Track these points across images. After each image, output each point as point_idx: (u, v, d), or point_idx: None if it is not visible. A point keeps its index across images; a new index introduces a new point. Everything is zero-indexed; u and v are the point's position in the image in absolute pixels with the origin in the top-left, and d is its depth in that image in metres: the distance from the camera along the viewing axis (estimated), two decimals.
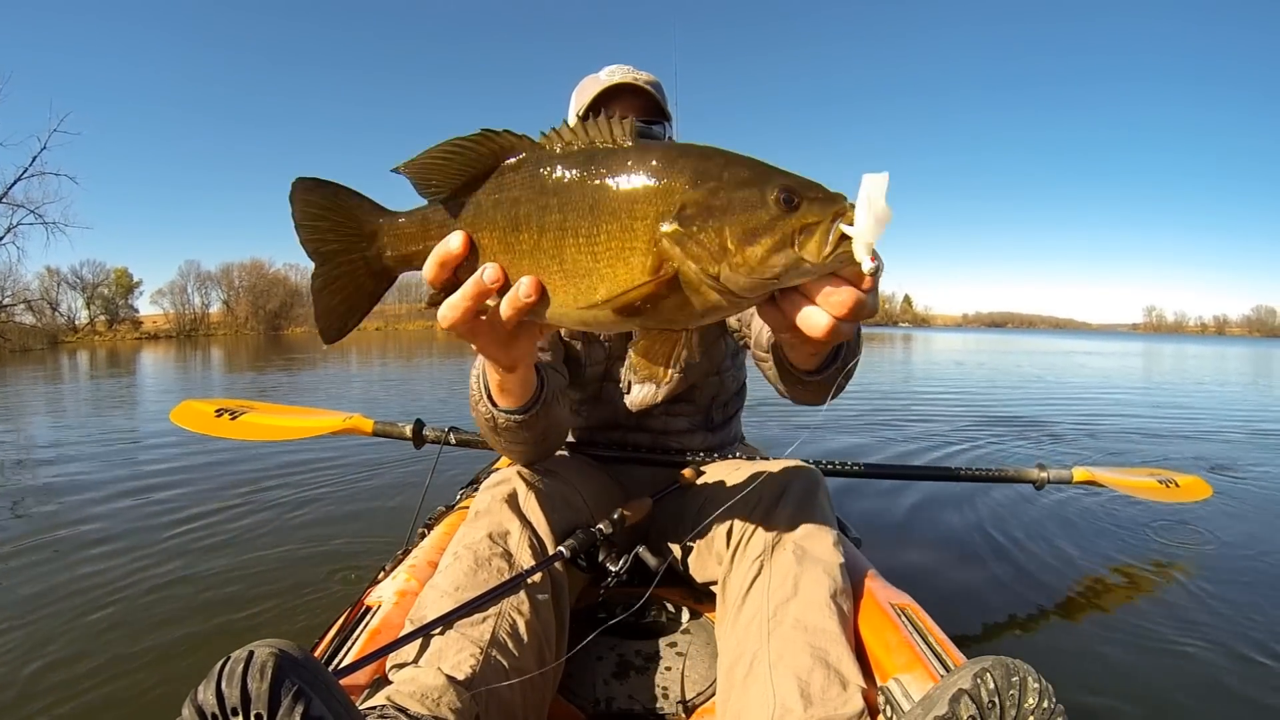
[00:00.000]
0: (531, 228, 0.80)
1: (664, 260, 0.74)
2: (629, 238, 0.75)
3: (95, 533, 3.58)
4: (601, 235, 0.76)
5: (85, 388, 12.85)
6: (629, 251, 0.75)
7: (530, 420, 1.23)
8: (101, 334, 50.67)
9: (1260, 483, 4.59)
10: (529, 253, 0.81)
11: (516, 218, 0.81)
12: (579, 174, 0.79)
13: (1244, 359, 27.78)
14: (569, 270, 0.79)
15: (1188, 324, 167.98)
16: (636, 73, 1.52)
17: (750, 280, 0.71)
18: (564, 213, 0.78)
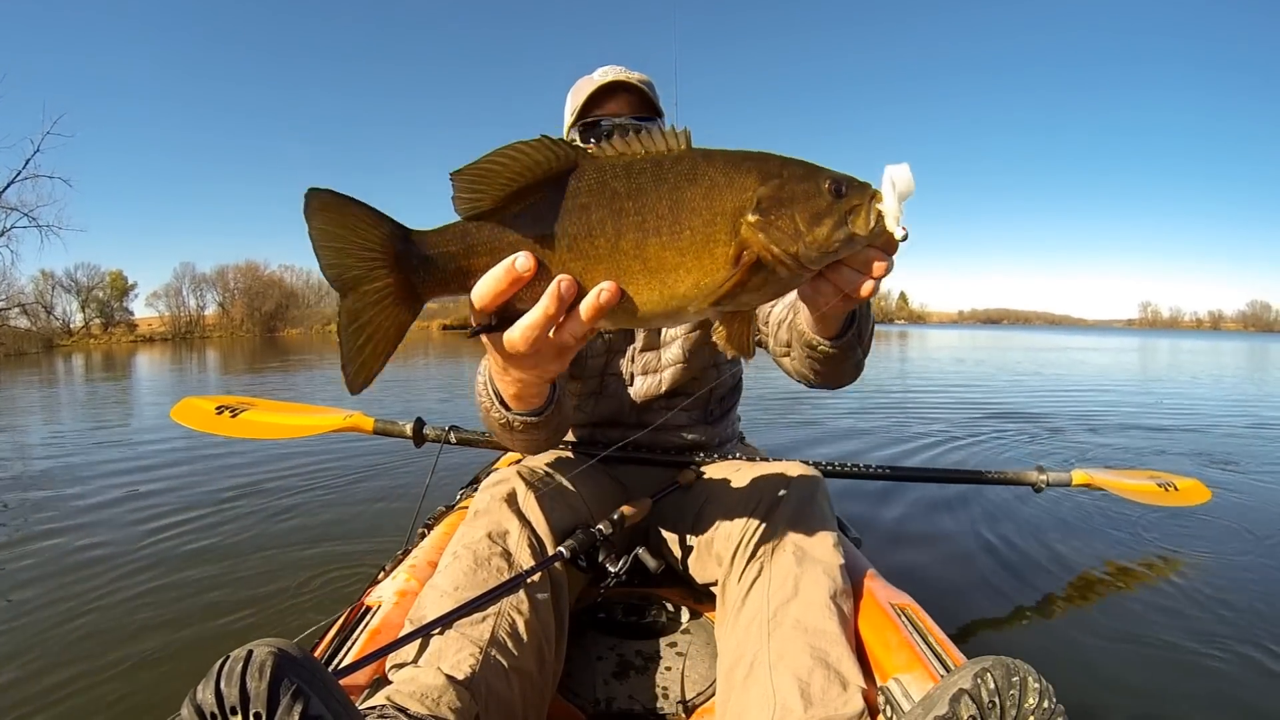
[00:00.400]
0: (608, 232, 0.81)
1: (744, 248, 0.81)
2: (713, 230, 0.81)
3: (93, 533, 3.58)
4: (685, 231, 0.81)
5: (81, 391, 12.85)
6: (713, 243, 0.81)
7: (547, 419, 1.23)
8: (97, 337, 50.54)
9: (1259, 484, 4.59)
10: (606, 257, 0.82)
11: (590, 223, 0.81)
12: (651, 178, 0.82)
13: (1239, 354, 27.83)
14: (653, 268, 0.82)
15: (1183, 319, 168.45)
16: (629, 72, 1.54)
17: (819, 254, 0.81)
18: (643, 215, 0.81)
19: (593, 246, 0.81)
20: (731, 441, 1.92)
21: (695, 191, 0.81)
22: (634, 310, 0.83)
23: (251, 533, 3.55)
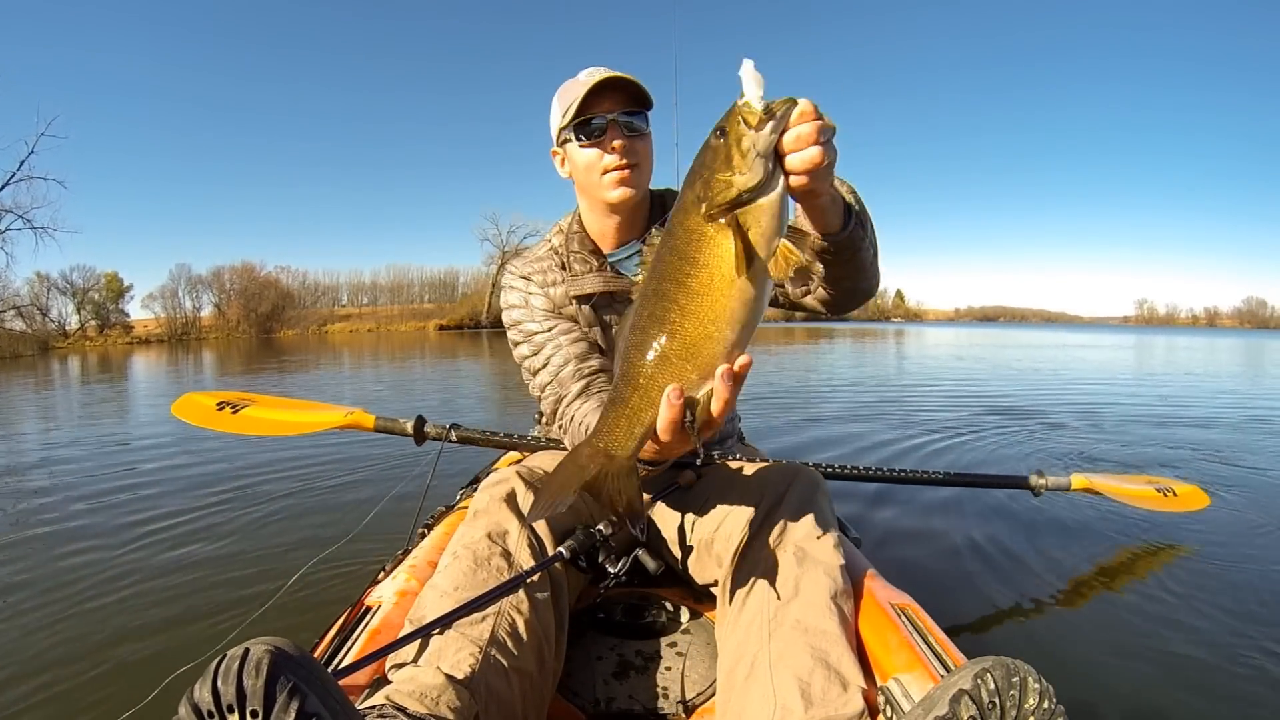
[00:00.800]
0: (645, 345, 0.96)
1: (731, 233, 0.90)
2: (704, 253, 0.92)
3: (92, 532, 3.59)
4: (695, 284, 0.93)
5: (77, 393, 12.82)
6: (720, 260, 0.91)
7: None
8: (92, 339, 50.39)
9: (1259, 487, 4.58)
10: (665, 359, 0.95)
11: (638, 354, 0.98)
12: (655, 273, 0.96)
13: (1236, 350, 27.88)
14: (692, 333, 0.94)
15: (1179, 316, 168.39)
16: (614, 73, 1.54)
17: (754, 172, 0.89)
18: (665, 300, 0.94)
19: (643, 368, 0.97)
20: (731, 440, 1.92)
21: (674, 251, 0.94)
22: (728, 343, 0.94)
23: (251, 531, 3.56)
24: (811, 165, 0.91)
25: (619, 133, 1.50)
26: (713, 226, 0.91)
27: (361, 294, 75.67)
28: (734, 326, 0.93)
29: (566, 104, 1.52)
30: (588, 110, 1.49)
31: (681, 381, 0.94)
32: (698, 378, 0.95)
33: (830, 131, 0.93)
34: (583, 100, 1.48)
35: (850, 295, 1.41)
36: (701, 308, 0.92)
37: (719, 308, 0.92)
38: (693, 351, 0.94)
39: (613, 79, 1.49)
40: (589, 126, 1.50)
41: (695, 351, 0.93)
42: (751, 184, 0.89)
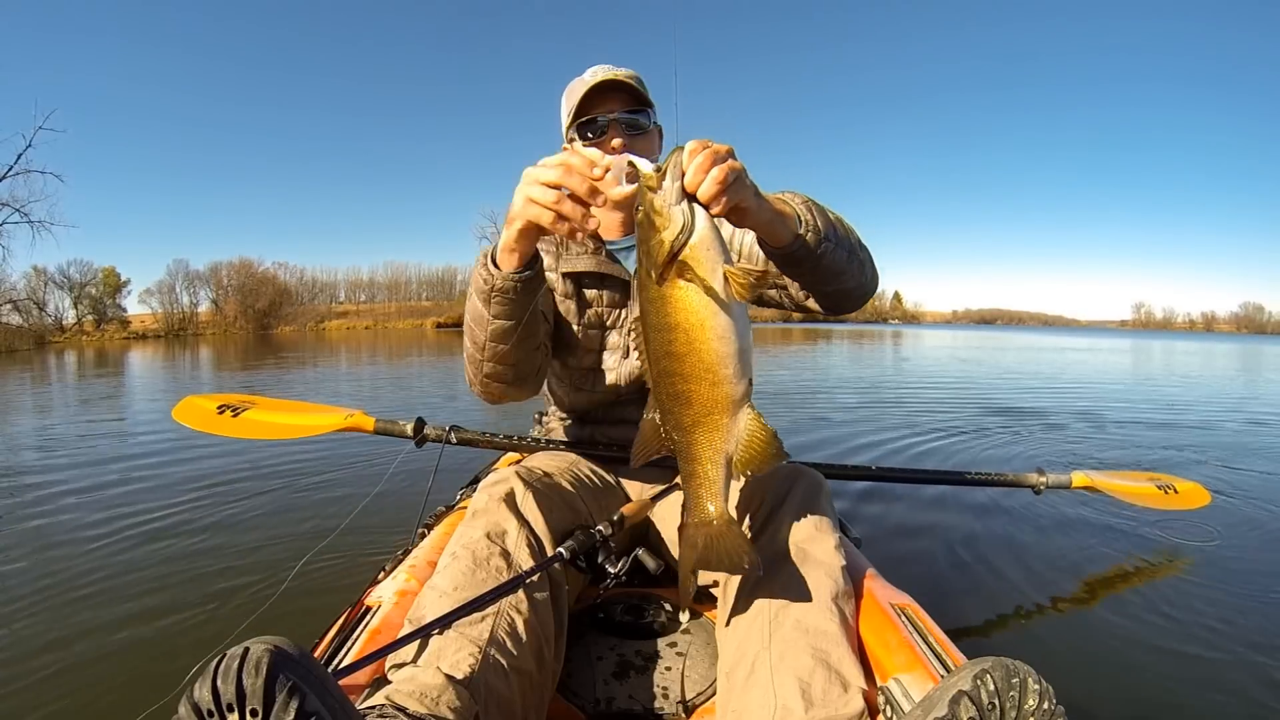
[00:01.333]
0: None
1: (681, 286, 1.00)
2: (671, 314, 1.01)
3: (90, 533, 3.57)
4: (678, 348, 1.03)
5: (73, 389, 12.78)
6: (685, 312, 1.00)
7: (528, 284, 1.27)
8: (89, 334, 50.35)
9: (1259, 486, 4.59)
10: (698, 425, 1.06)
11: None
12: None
13: (1233, 355, 27.94)
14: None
15: (1176, 320, 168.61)
16: (617, 70, 1.57)
17: (677, 223, 0.98)
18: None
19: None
20: None
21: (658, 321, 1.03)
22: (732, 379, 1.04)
23: (251, 531, 3.56)
24: (717, 187, 0.99)
25: (620, 132, 1.53)
26: (666, 286, 0.99)
27: (359, 291, 75.78)
28: (728, 362, 1.02)
29: (571, 103, 1.55)
30: (590, 110, 1.52)
31: (718, 432, 1.05)
32: (727, 420, 1.05)
33: (722, 154, 1.01)
34: (584, 100, 1.50)
35: (837, 298, 1.47)
36: (695, 366, 1.01)
37: (708, 355, 1.01)
38: (711, 405, 1.03)
39: (609, 81, 1.50)
40: (591, 126, 1.53)
41: (713, 404, 1.03)
42: (676, 233, 0.97)
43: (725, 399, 1.03)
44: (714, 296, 0.99)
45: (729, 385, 1.02)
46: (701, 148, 1.01)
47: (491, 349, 1.37)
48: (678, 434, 1.07)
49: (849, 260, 1.37)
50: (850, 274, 1.40)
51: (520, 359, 1.42)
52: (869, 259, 1.46)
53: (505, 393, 1.49)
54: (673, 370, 1.03)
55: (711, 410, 1.03)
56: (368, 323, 66.70)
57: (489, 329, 1.33)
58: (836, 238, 1.33)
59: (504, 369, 1.42)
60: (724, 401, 1.03)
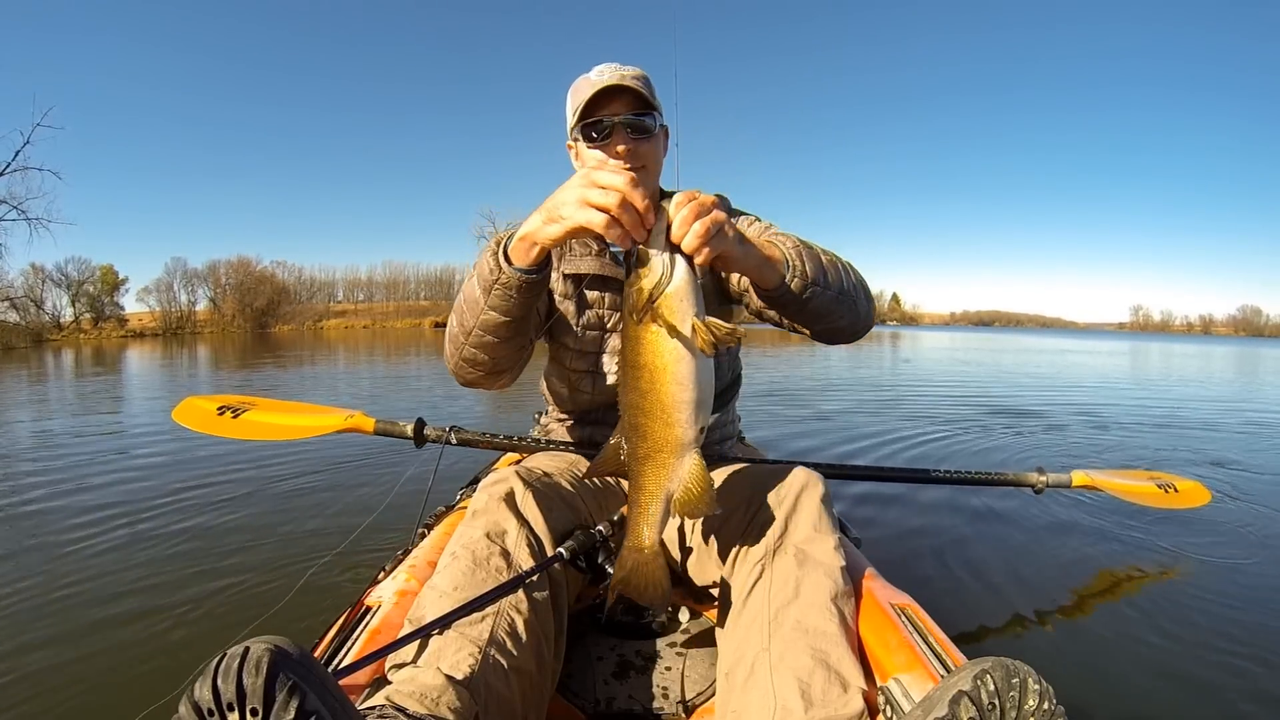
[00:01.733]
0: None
1: (652, 330, 1.07)
2: (641, 354, 1.09)
3: (90, 532, 3.57)
4: (642, 384, 1.10)
5: (70, 387, 12.75)
6: (652, 354, 1.08)
7: (535, 285, 1.29)
8: (87, 332, 50.14)
9: (1259, 486, 4.60)
10: (648, 458, 1.14)
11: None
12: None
13: (1232, 358, 27.99)
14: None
15: (1174, 323, 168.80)
16: (624, 70, 1.55)
17: (656, 272, 1.06)
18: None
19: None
20: (731, 440, 1.92)
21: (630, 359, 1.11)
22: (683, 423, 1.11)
23: (250, 532, 3.55)
24: (699, 240, 1.05)
25: (624, 136, 1.51)
26: (640, 328, 1.07)
27: (357, 290, 75.72)
28: (683, 407, 1.09)
29: (576, 103, 1.53)
30: (595, 111, 1.50)
31: (663, 470, 1.13)
32: (673, 460, 1.12)
33: (707, 206, 1.07)
34: (590, 101, 1.49)
35: (825, 334, 1.54)
36: (654, 404, 1.09)
37: (665, 397, 1.08)
38: (661, 443, 1.11)
39: (615, 87, 1.49)
40: (596, 127, 1.52)
41: (663, 442, 1.11)
42: (655, 281, 1.04)
43: (675, 440, 1.11)
44: (679, 344, 1.06)
45: (680, 428, 1.10)
46: (688, 200, 1.06)
47: (477, 337, 1.38)
48: (631, 462, 1.15)
49: (837, 302, 1.42)
50: (837, 315, 1.45)
51: (502, 354, 1.43)
52: (862, 300, 1.51)
53: (479, 380, 1.52)
54: (635, 404, 1.11)
55: (661, 448, 1.11)
56: (366, 322, 66.63)
57: (480, 318, 1.34)
58: (825, 282, 1.38)
59: (484, 358, 1.43)
60: (674, 443, 1.11)
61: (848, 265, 1.50)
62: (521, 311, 1.32)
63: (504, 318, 1.32)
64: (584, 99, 1.50)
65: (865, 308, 1.52)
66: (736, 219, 1.71)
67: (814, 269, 1.36)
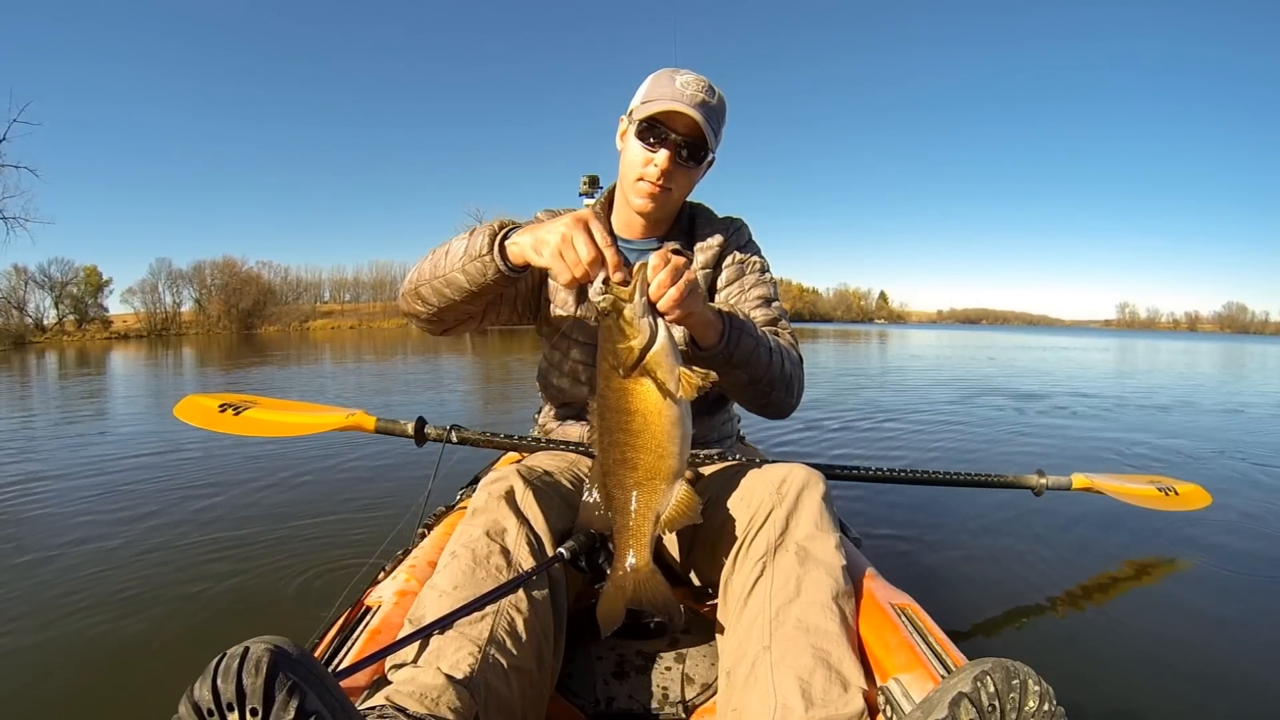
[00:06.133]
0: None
1: (644, 383, 1.18)
2: (632, 402, 1.19)
3: (91, 532, 3.56)
4: (635, 425, 1.20)
5: (54, 390, 12.65)
6: (644, 403, 1.19)
7: (512, 281, 1.40)
8: (70, 334, 49.74)
9: (1260, 485, 4.62)
10: (638, 485, 1.23)
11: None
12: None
13: (1220, 354, 28.25)
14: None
15: (1160, 320, 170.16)
16: (707, 92, 1.53)
17: (645, 333, 1.16)
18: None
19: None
20: (730, 439, 1.92)
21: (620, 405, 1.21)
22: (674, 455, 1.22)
23: (250, 532, 3.54)
24: (673, 303, 1.18)
25: (673, 154, 1.53)
26: (629, 381, 1.18)
27: (344, 290, 75.41)
28: (673, 443, 1.20)
29: (649, 96, 1.54)
30: (664, 117, 1.51)
31: (655, 495, 1.23)
32: (665, 486, 1.22)
33: (679, 269, 1.19)
34: (656, 115, 1.51)
35: (755, 407, 1.63)
36: (645, 441, 1.20)
37: (657, 436, 1.20)
38: (653, 473, 1.21)
39: (686, 117, 1.49)
40: (655, 133, 1.53)
41: (655, 472, 1.21)
42: (644, 342, 1.16)
43: (668, 470, 1.22)
44: (668, 393, 1.18)
45: (673, 460, 1.21)
46: (663, 263, 1.18)
47: (439, 284, 1.46)
48: (619, 491, 1.24)
49: (760, 386, 1.52)
50: (758, 393, 1.54)
51: (448, 311, 1.53)
52: (780, 392, 1.57)
53: (416, 316, 1.61)
54: (625, 442, 1.21)
55: (652, 477, 1.22)
56: (352, 322, 66.34)
57: (448, 273, 1.44)
58: (764, 364, 1.48)
59: (432, 303, 1.52)
60: (666, 473, 1.22)
61: (791, 360, 1.59)
62: (485, 291, 1.42)
63: (468, 287, 1.42)
64: (658, 107, 1.50)
65: (782, 398, 1.59)
66: (747, 254, 1.77)
67: (747, 348, 1.44)
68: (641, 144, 1.54)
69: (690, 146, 1.53)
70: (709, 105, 1.52)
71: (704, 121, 1.49)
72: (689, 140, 1.52)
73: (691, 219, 1.74)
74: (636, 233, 1.71)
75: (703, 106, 1.50)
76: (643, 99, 1.55)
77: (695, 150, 1.54)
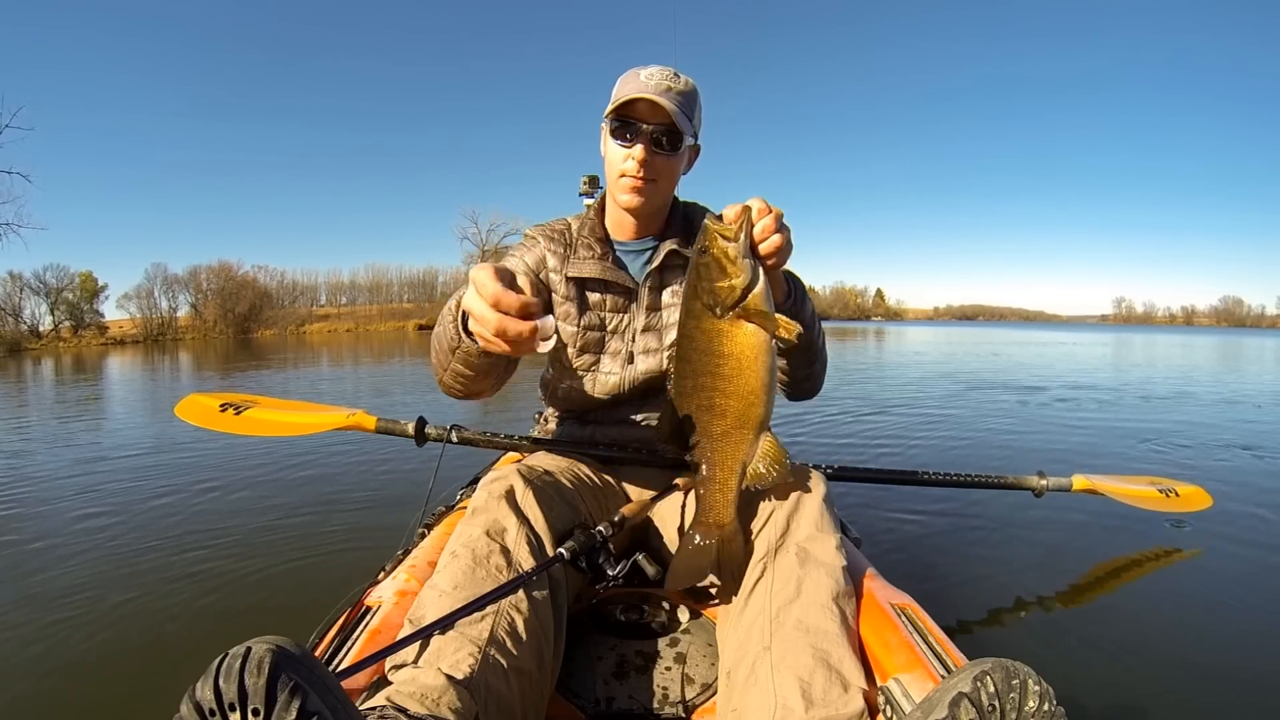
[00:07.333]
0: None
1: (743, 326, 1.18)
2: (727, 345, 1.19)
3: (89, 533, 3.58)
4: (727, 370, 1.20)
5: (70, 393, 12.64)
6: (741, 346, 1.19)
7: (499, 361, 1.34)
8: (66, 340, 49.48)
9: (1261, 485, 4.62)
10: (726, 436, 1.24)
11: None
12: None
13: (1218, 348, 28.32)
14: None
15: (1156, 314, 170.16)
16: (673, 80, 1.54)
17: (748, 273, 1.15)
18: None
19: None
20: None
21: (712, 348, 1.20)
22: (764, 405, 1.22)
23: (251, 532, 3.55)
24: (776, 249, 1.18)
25: (647, 146, 1.52)
26: (725, 322, 1.16)
27: (340, 294, 75.04)
28: (766, 390, 1.19)
29: (617, 95, 1.54)
30: (629, 111, 1.51)
31: (743, 445, 1.22)
32: (753, 436, 1.21)
33: (780, 216, 1.19)
34: (625, 105, 1.50)
35: (797, 379, 1.64)
36: (737, 387, 1.18)
37: (752, 382, 1.18)
38: (743, 421, 1.20)
39: (650, 102, 1.49)
40: (629, 129, 1.53)
41: (745, 420, 1.20)
42: (748, 281, 1.14)
43: (755, 419, 1.20)
44: (767, 337, 1.17)
45: (760, 408, 1.19)
46: (768, 210, 1.17)
47: (454, 373, 1.38)
48: (705, 440, 1.23)
49: (802, 351, 1.53)
50: (800, 365, 1.58)
51: (478, 385, 1.44)
52: (823, 363, 1.65)
53: (462, 397, 1.52)
54: (715, 387, 1.19)
55: (742, 425, 1.20)
56: (349, 325, 66.04)
57: (452, 365, 1.35)
58: (808, 326, 1.45)
59: (461, 386, 1.43)
60: (753, 420, 1.20)
61: (823, 335, 1.63)
62: (489, 367, 1.35)
63: (475, 371, 1.34)
64: (623, 96, 1.50)
65: (819, 372, 1.67)
66: None
67: (806, 312, 1.45)
68: (617, 141, 1.54)
69: (666, 134, 1.53)
70: (675, 91, 1.52)
71: (672, 107, 1.49)
72: (663, 128, 1.52)
73: (687, 218, 1.74)
74: (630, 234, 1.70)
75: (669, 93, 1.50)
76: (612, 100, 1.56)
77: (671, 137, 1.54)
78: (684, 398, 1.23)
